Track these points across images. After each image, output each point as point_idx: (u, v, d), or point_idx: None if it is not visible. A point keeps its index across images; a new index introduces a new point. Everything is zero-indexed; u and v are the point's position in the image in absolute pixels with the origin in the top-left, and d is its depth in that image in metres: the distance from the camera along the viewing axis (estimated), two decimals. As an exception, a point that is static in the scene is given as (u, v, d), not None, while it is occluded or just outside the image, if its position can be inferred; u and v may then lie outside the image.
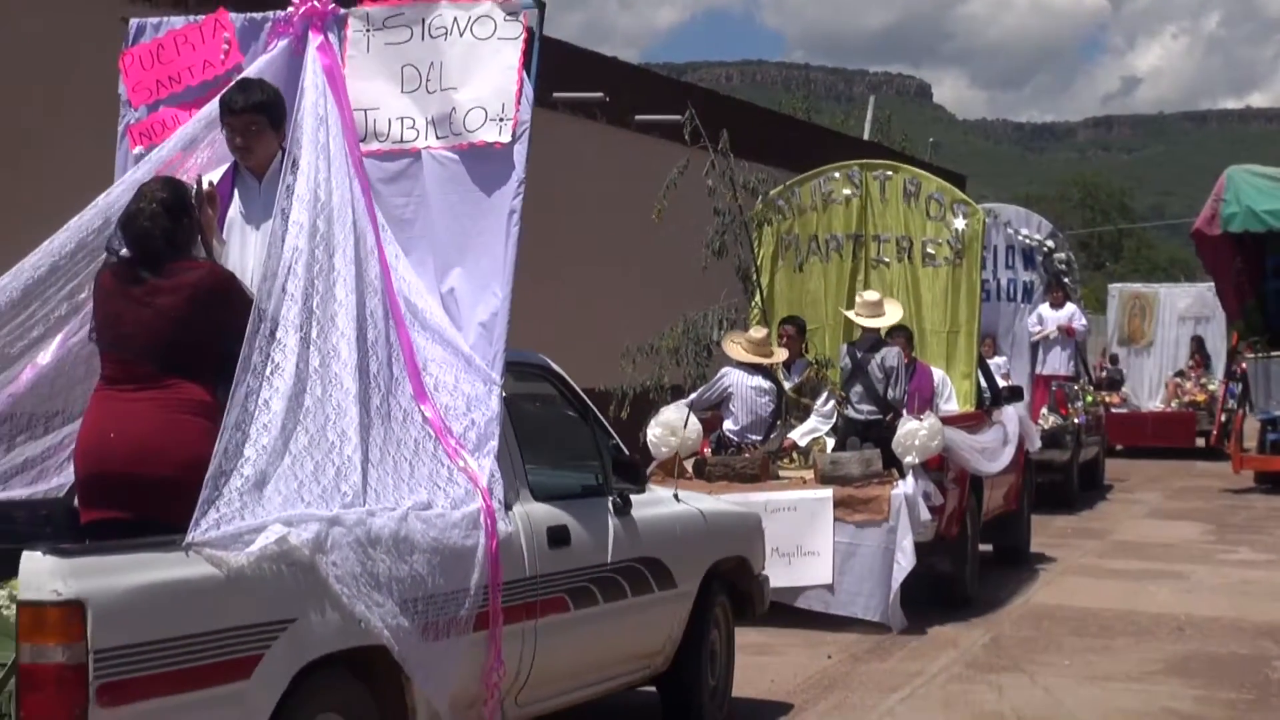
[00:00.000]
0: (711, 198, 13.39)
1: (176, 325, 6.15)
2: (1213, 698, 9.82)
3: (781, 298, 14.16)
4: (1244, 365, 23.62)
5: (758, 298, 13.89)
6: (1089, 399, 21.68)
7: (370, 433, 6.25)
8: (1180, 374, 29.75)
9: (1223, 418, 25.89)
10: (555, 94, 18.28)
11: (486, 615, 6.46)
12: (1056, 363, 20.53)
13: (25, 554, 4.87)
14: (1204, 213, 21.46)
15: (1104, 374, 28.93)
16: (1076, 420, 20.33)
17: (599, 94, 19.24)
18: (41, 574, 4.81)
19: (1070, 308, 20.54)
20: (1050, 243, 19.79)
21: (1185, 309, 31.15)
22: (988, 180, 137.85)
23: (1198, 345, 29.88)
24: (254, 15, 7.61)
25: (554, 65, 10.04)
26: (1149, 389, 30.37)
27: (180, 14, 8.16)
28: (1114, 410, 26.91)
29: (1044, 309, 20.29)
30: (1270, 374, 22.33)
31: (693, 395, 12.63)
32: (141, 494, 6.00)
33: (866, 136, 41.29)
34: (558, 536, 7.26)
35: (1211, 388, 28.39)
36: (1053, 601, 13.21)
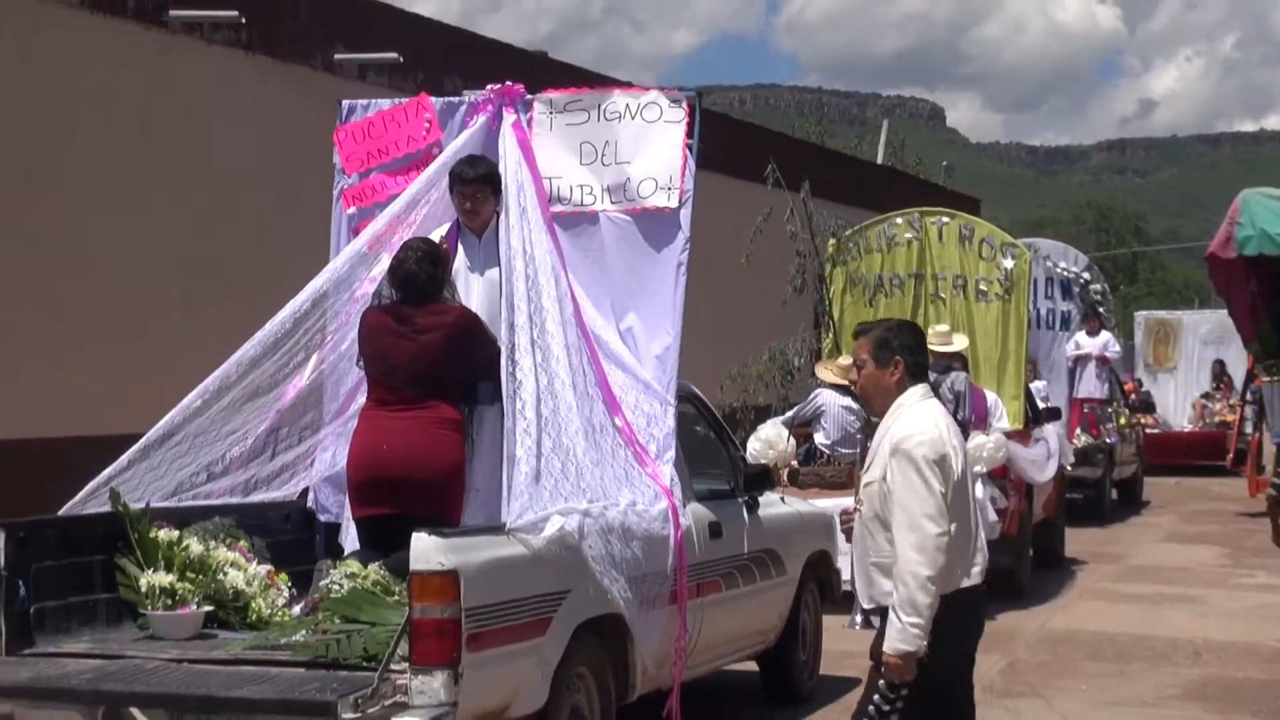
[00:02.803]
0: (793, 241, 15.10)
1: (436, 358, 7.73)
2: (1230, 723, 9.98)
3: (850, 329, 15.78)
4: (1261, 387, 24.97)
5: (831, 329, 15.60)
6: (1122, 420, 23.27)
7: (586, 440, 7.81)
8: (1206, 395, 31.21)
9: (1239, 442, 27.16)
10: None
11: (674, 593, 8.01)
12: (1091, 386, 22.21)
13: (415, 535, 6.31)
14: (1218, 236, 22.55)
15: (1135, 397, 30.42)
16: (1109, 440, 22.04)
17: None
18: (429, 550, 6.26)
19: (1104, 335, 22.33)
20: (1087, 274, 21.46)
21: (1207, 334, 32.61)
22: (1001, 203, 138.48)
23: (1220, 368, 31.24)
24: (450, 99, 9.18)
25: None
26: (1173, 411, 31.90)
27: (387, 97, 9.81)
28: (1148, 431, 28.30)
29: (1080, 336, 21.94)
30: None
31: (788, 413, 14.38)
32: (409, 495, 7.59)
33: (880, 160, 41.90)
34: (715, 530, 8.83)
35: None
36: (1069, 626, 13.27)
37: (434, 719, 6.04)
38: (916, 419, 6.00)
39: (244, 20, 14.59)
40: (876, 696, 5.94)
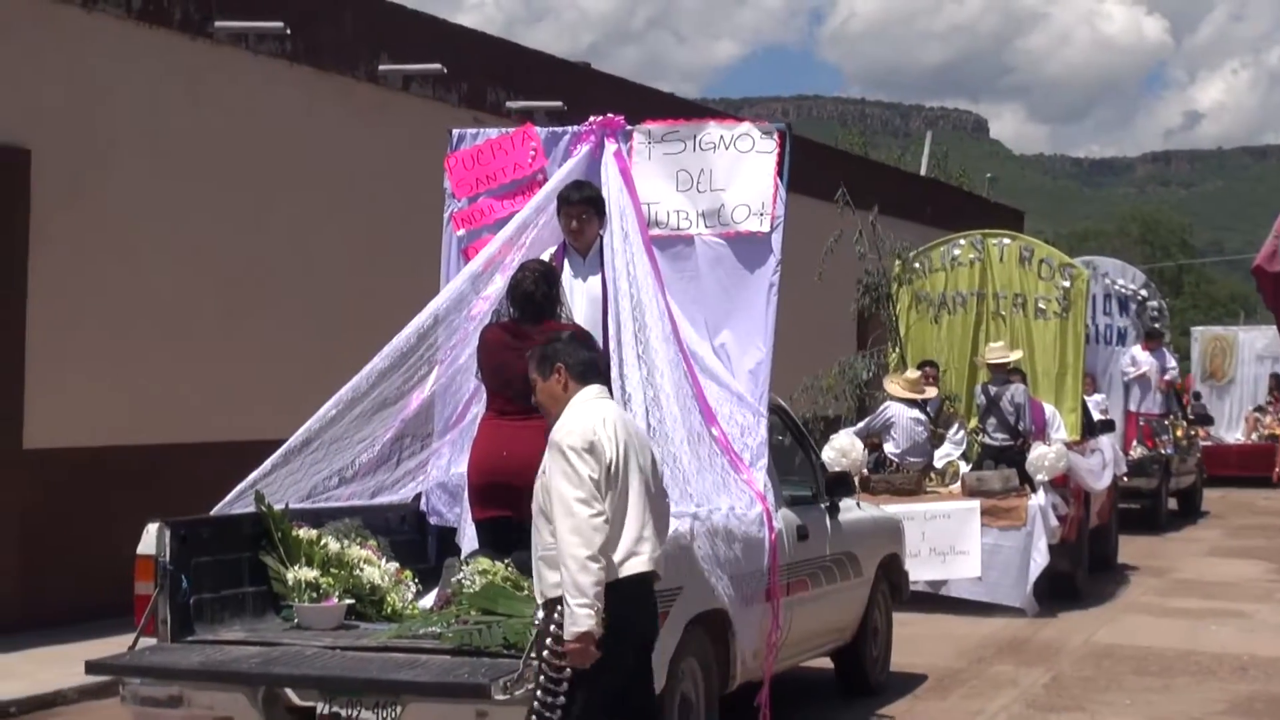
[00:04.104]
0: (862, 261, 15.84)
1: (550, 371, 8.37)
2: (1277, 739, 10.18)
3: (916, 344, 16.54)
4: None
5: (897, 345, 16.30)
6: (1178, 433, 23.91)
7: (689, 449, 8.43)
8: (1259, 409, 31.80)
9: None
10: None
11: (768, 591, 8.64)
12: (1151, 403, 22.94)
13: None
14: (1265, 249, 23.24)
15: (1190, 410, 31.00)
16: (1164, 452, 22.73)
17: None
18: None
19: (1163, 355, 23.18)
20: (1144, 292, 22.32)
21: (1263, 349, 33.35)
22: (1045, 215, 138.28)
23: (1276, 381, 31.96)
24: (555, 129, 9.81)
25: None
26: (1228, 423, 32.52)
27: (495, 126, 10.45)
28: (1202, 444, 28.88)
29: (1136, 351, 22.67)
30: None
31: (860, 424, 15.20)
32: (527, 497, 8.16)
33: (923, 172, 42.08)
34: (802, 533, 9.47)
35: None
36: (1113, 640, 13.33)
37: (569, 701, 6.64)
38: (571, 415, 6.44)
39: (288, 31, 14.70)
40: (539, 693, 6.17)
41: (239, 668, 6.94)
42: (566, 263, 9.15)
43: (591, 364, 6.67)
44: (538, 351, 6.68)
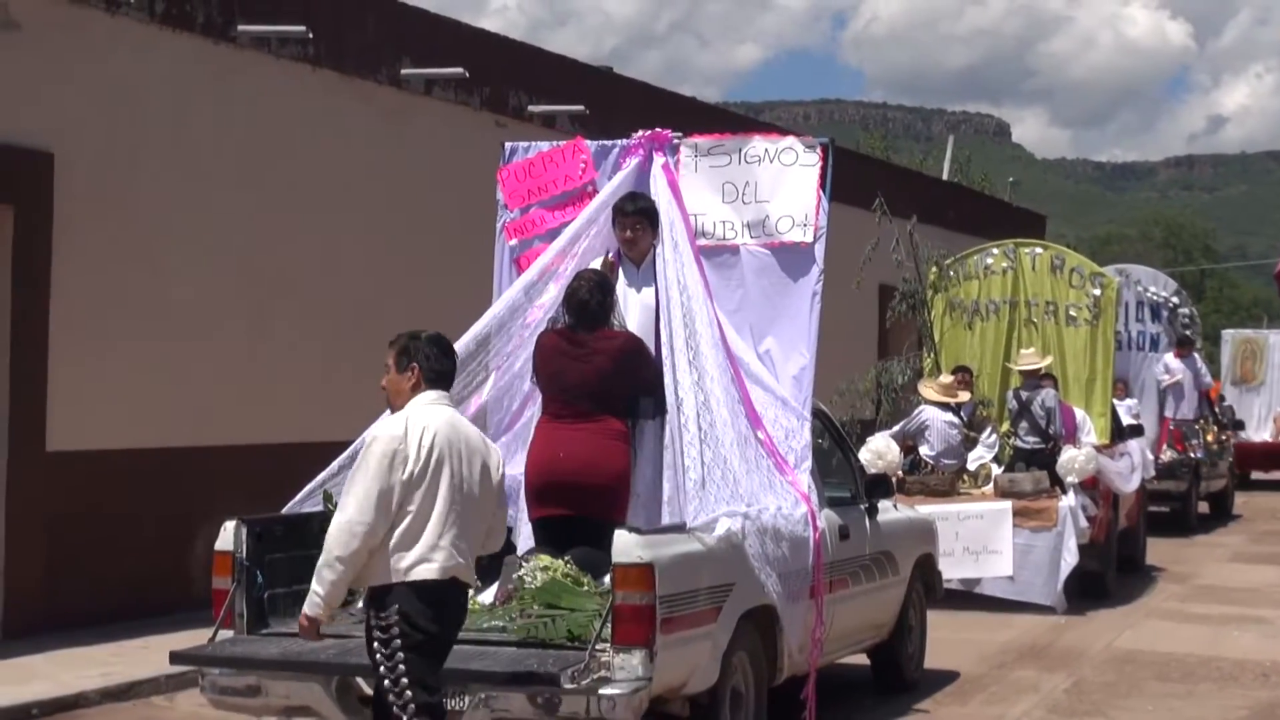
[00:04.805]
0: (899, 269, 16.22)
1: (605, 377, 8.72)
2: (1300, 746, 10.25)
3: (950, 350, 16.95)
4: None
5: (932, 351, 16.71)
6: (1209, 436, 24.31)
7: (738, 451, 8.76)
8: None
9: None
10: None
11: (812, 588, 8.97)
12: (1186, 409, 23.43)
13: (617, 533, 7.33)
14: (1286, 254, 23.81)
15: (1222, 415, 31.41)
16: (1194, 455, 23.12)
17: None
18: (630, 546, 7.26)
19: (1195, 361, 23.63)
20: (1176, 299, 22.76)
21: None
22: (1068, 220, 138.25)
23: None
24: (604, 142, 10.10)
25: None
26: (1257, 424, 32.94)
27: (546, 139, 10.77)
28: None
29: (1169, 358, 23.11)
30: None
31: (895, 427, 15.67)
32: (582, 497, 8.57)
33: (945, 176, 41.95)
34: (844, 533, 9.81)
35: None
36: (1135, 646, 13.28)
37: (633, 692, 7.04)
38: (397, 417, 6.57)
39: (311, 35, 14.64)
40: (379, 657, 6.34)
41: (317, 658, 7.28)
42: (620, 270, 9.49)
43: (445, 374, 6.86)
44: (400, 343, 6.81)
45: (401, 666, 6.28)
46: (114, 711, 10.47)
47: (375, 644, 6.36)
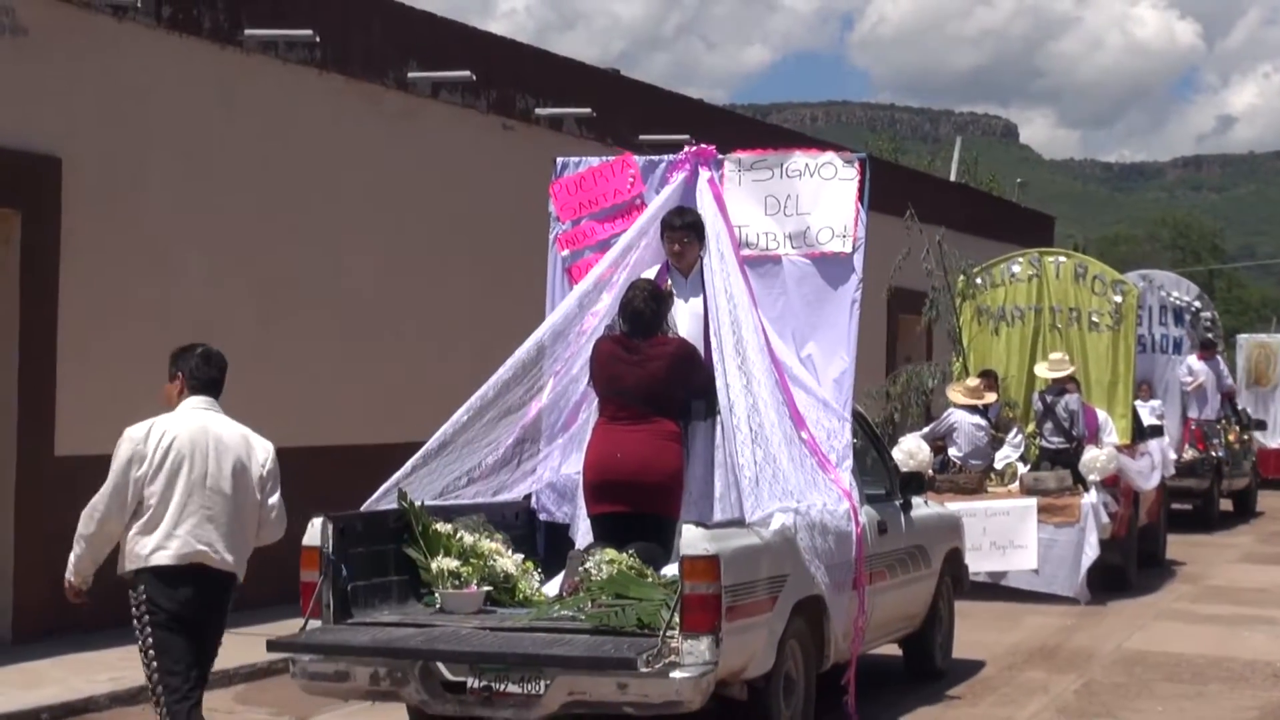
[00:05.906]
0: (929, 277, 16.90)
1: (659, 381, 9.26)
2: (1310, 746, 10.31)
3: (977, 354, 17.66)
4: None
5: (960, 355, 17.46)
6: (1230, 436, 24.88)
7: (785, 451, 9.29)
8: None
9: None
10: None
11: (855, 579, 9.51)
12: (1209, 410, 24.12)
13: (685, 527, 7.87)
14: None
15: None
16: (1216, 454, 23.81)
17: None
18: (697, 539, 7.76)
19: (1217, 363, 24.33)
20: (1198, 303, 23.51)
21: None
22: (1076, 220, 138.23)
23: None
24: (652, 157, 10.64)
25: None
26: (1272, 427, 33.42)
27: (596, 155, 11.27)
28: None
29: (1191, 360, 23.74)
30: None
31: (925, 428, 16.45)
32: (639, 494, 9.12)
33: (953, 178, 42.01)
34: (882, 528, 10.34)
35: None
36: (1145, 647, 13.30)
37: (701, 675, 7.57)
38: (150, 421, 7.45)
39: (318, 39, 14.64)
40: (136, 633, 7.40)
41: (406, 644, 7.82)
42: (670, 280, 10.01)
43: (211, 382, 7.67)
44: (172, 356, 7.72)
45: (150, 639, 7.30)
46: (123, 716, 10.58)
47: (133, 621, 7.35)
